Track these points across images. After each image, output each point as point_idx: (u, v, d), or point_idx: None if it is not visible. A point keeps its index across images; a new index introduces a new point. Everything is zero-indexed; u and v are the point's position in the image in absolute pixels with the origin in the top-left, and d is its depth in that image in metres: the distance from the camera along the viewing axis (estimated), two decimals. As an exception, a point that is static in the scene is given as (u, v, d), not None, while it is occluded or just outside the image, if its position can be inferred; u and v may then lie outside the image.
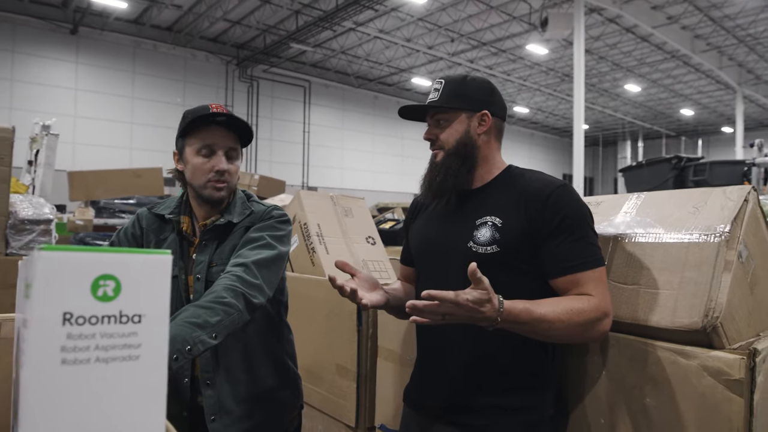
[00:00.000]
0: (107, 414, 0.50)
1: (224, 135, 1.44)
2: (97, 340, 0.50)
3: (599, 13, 15.18)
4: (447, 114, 1.33)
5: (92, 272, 0.50)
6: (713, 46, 17.48)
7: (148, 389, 0.52)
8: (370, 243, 2.42)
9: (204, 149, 1.42)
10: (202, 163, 1.42)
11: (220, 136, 1.43)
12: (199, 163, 1.42)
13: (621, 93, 22.72)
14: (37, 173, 3.85)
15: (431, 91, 1.37)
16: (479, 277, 1.04)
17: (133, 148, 16.65)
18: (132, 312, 0.51)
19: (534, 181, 1.28)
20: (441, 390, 1.31)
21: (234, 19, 16.49)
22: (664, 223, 1.28)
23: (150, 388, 0.52)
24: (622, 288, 1.26)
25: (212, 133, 1.42)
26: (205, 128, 1.42)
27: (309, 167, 20.51)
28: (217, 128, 1.43)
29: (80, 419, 0.49)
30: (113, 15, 15.40)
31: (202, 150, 1.42)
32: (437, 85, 1.35)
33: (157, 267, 0.53)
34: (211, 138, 1.42)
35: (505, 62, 19.68)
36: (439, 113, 1.34)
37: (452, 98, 1.32)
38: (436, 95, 1.33)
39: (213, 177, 1.41)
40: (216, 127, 1.42)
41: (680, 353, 1.11)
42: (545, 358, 1.27)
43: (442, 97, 1.33)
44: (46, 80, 15.23)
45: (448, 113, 1.33)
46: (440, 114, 1.34)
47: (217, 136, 1.42)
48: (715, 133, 28.53)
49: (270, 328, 1.53)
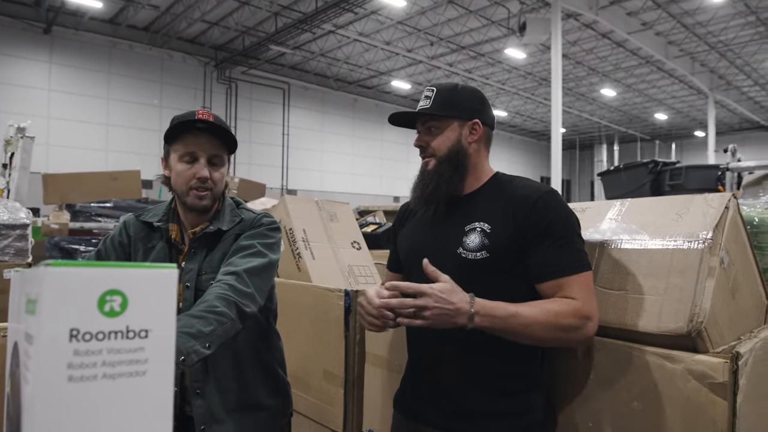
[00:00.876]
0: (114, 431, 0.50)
1: (207, 142, 1.41)
2: (104, 356, 0.49)
3: (576, 18, 15.43)
4: (439, 122, 1.34)
5: (99, 288, 0.49)
6: (686, 52, 17.90)
7: (155, 405, 0.52)
8: (355, 248, 2.42)
9: (187, 156, 1.40)
10: (184, 170, 1.40)
11: (202, 143, 1.41)
12: (182, 169, 1.40)
13: (597, 97, 23.10)
14: (12, 176, 3.76)
15: (422, 98, 1.37)
16: (432, 270, 1.16)
17: (108, 150, 16.37)
18: (139, 327, 0.51)
19: (521, 188, 1.30)
20: (431, 396, 1.31)
21: (212, 21, 16.34)
22: (648, 230, 1.31)
23: (157, 404, 0.52)
24: (608, 293, 1.29)
25: (195, 140, 1.40)
26: (188, 134, 1.40)
27: (288, 170, 20.40)
28: (200, 135, 1.41)
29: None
30: (88, 14, 15.13)
31: (184, 156, 1.40)
32: (428, 92, 1.36)
33: (163, 281, 0.53)
34: (193, 145, 1.40)
35: (484, 66, 19.86)
36: (430, 121, 1.35)
37: (444, 106, 1.33)
38: (428, 103, 1.34)
39: (194, 184, 1.40)
40: (199, 134, 1.41)
41: (666, 357, 1.14)
42: (535, 362, 1.29)
43: (433, 105, 1.33)
44: (19, 80, 14.88)
45: (440, 121, 1.34)
46: (432, 122, 1.35)
47: (199, 143, 1.40)
48: (688, 137, 29.19)
49: (260, 336, 1.52)
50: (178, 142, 1.41)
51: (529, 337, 1.16)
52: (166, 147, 1.45)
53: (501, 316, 1.14)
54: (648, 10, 14.93)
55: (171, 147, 1.43)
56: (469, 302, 1.13)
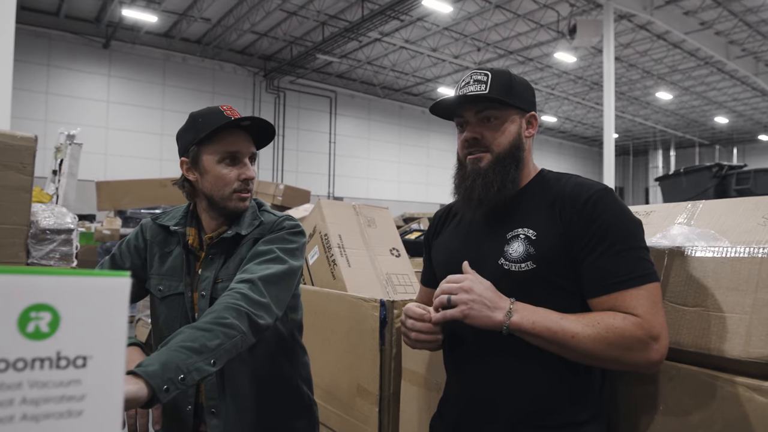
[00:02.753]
0: (37, 490, 0.38)
1: (246, 140, 1.34)
2: (24, 392, 0.37)
3: (629, 19, 14.86)
4: (499, 110, 1.16)
5: (20, 301, 0.38)
6: (749, 51, 16.95)
7: (93, 456, 0.40)
8: (394, 255, 2.29)
9: (228, 157, 1.31)
10: (227, 172, 1.30)
11: (243, 142, 1.33)
12: (224, 172, 1.30)
13: (652, 101, 22.19)
14: (60, 183, 3.83)
15: (469, 82, 1.17)
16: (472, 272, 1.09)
17: (163, 159, 16.89)
18: (74, 353, 0.39)
19: (570, 185, 1.12)
20: (470, 423, 1.16)
21: (261, 32, 16.66)
22: (729, 236, 1.12)
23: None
24: (681, 310, 1.10)
25: (235, 139, 1.31)
26: (226, 134, 1.30)
27: (335, 177, 20.52)
28: (239, 133, 1.32)
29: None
30: (144, 29, 15.71)
31: (225, 158, 1.30)
32: (480, 76, 1.17)
33: (109, 293, 0.41)
34: (235, 144, 1.31)
35: (533, 71, 19.42)
36: (489, 109, 1.16)
37: (505, 92, 1.15)
38: (483, 87, 1.15)
39: (239, 186, 1.31)
40: (238, 132, 1.32)
41: (757, 390, 0.95)
42: (591, 387, 1.11)
43: (492, 90, 1.14)
44: (80, 93, 15.59)
45: (501, 110, 1.16)
46: (491, 110, 1.16)
47: (240, 143, 1.32)
48: (752, 141, 27.65)
49: (281, 350, 1.39)
50: (213, 142, 1.30)
51: (576, 350, 1.00)
52: (195, 149, 1.32)
53: (543, 318, 1.01)
54: (707, 8, 14.22)
55: (203, 148, 1.31)
56: (508, 300, 1.06)
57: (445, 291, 1.07)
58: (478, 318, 1.03)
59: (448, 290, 1.07)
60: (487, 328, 1.04)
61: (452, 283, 1.07)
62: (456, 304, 1.05)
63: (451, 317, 1.05)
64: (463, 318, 1.04)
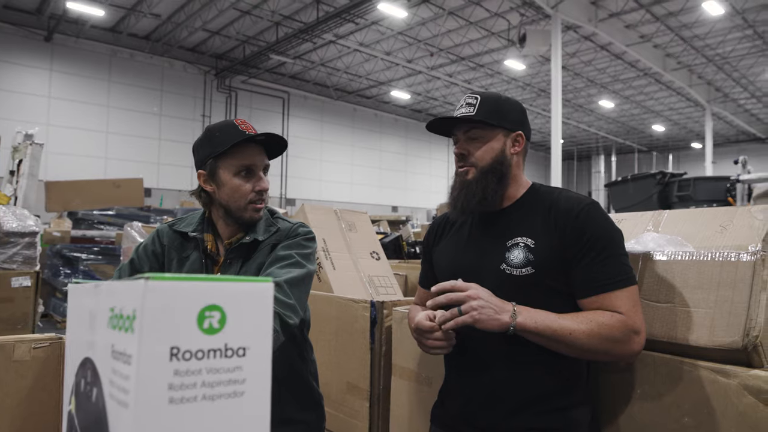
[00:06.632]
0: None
1: (260, 153, 1.42)
2: (203, 376, 0.46)
3: (575, 30, 15.52)
4: (484, 131, 1.31)
5: (198, 303, 0.46)
6: (684, 64, 18.03)
7: (253, 429, 0.49)
8: (374, 258, 2.39)
9: (243, 170, 1.38)
10: (241, 185, 1.38)
11: (258, 155, 1.40)
12: (239, 184, 1.38)
13: (595, 108, 23.21)
14: (20, 184, 3.71)
15: (462, 105, 1.33)
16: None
17: (108, 157, 16.33)
18: (237, 345, 0.48)
19: (563, 200, 1.27)
20: (473, 412, 1.28)
21: (213, 30, 16.37)
22: (692, 241, 1.29)
23: (255, 428, 0.49)
24: (655, 306, 1.26)
25: (250, 153, 1.39)
26: (242, 147, 1.37)
27: (287, 178, 20.36)
28: (253, 146, 1.40)
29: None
30: (89, 23, 15.14)
31: (241, 171, 1.38)
32: (470, 99, 1.32)
33: (260, 295, 0.50)
34: (250, 158, 1.39)
35: (483, 77, 19.95)
36: (475, 129, 1.31)
37: (491, 115, 1.29)
38: (471, 110, 1.30)
39: (253, 198, 1.39)
40: (253, 146, 1.39)
41: (720, 372, 1.11)
42: (580, 377, 1.26)
43: (479, 113, 1.29)
44: (19, 87, 14.87)
45: (485, 130, 1.31)
46: (476, 130, 1.31)
47: (255, 156, 1.40)
48: (685, 148, 29.34)
49: (295, 348, 1.48)
50: (229, 156, 1.37)
51: (572, 345, 1.14)
52: (212, 162, 1.38)
53: (543, 318, 1.15)
54: (646, 22, 15.04)
55: (219, 162, 1.38)
56: (510, 303, 1.18)
57: (453, 300, 1.17)
58: (487, 322, 1.14)
59: (456, 299, 1.17)
60: (494, 330, 1.15)
61: (457, 292, 1.18)
62: (466, 312, 1.15)
63: (462, 324, 1.16)
64: (474, 323, 1.15)
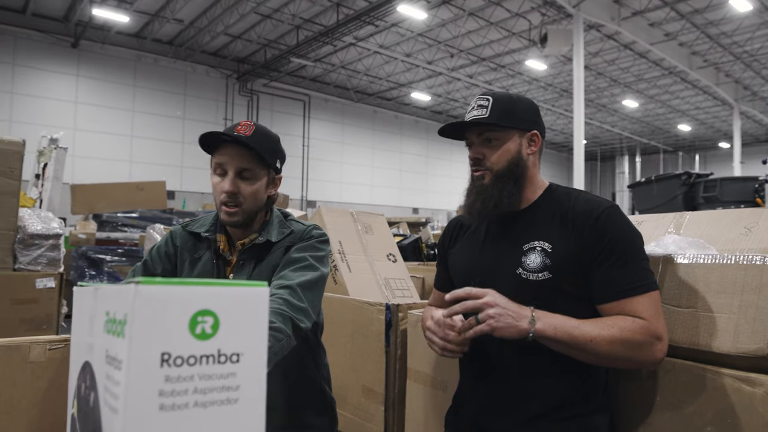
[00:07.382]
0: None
1: (237, 154, 1.33)
2: (195, 383, 0.45)
3: (598, 29, 15.31)
4: (498, 133, 1.28)
5: (191, 308, 0.45)
6: (710, 62, 17.64)
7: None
8: (391, 260, 2.38)
9: (218, 168, 1.36)
10: (216, 183, 1.36)
11: (230, 155, 1.33)
12: (214, 182, 1.37)
13: (619, 108, 22.85)
14: (44, 187, 3.79)
15: (474, 107, 1.30)
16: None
17: (132, 161, 16.62)
18: (230, 350, 0.47)
19: (582, 202, 1.23)
20: (489, 418, 1.25)
21: (235, 34, 16.56)
22: (715, 244, 1.24)
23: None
24: (676, 311, 1.22)
25: (224, 152, 1.34)
26: (222, 146, 1.35)
27: (308, 181, 20.48)
28: (230, 146, 1.34)
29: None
30: (114, 29, 15.44)
31: (217, 169, 1.36)
32: (482, 101, 1.29)
33: (255, 300, 0.49)
34: (221, 157, 1.34)
35: (504, 77, 19.79)
36: (489, 132, 1.28)
37: (504, 116, 1.26)
38: (484, 112, 1.26)
39: (224, 199, 1.34)
40: (229, 145, 1.34)
41: (744, 380, 1.07)
42: (598, 383, 1.23)
43: (492, 115, 1.26)
44: (47, 93, 15.23)
45: (499, 132, 1.28)
46: (491, 132, 1.28)
47: (226, 155, 1.34)
48: (712, 148, 28.71)
49: (308, 352, 1.47)
50: (214, 154, 1.37)
51: (593, 352, 1.10)
52: (211, 160, 1.39)
53: (563, 324, 1.11)
54: (671, 20, 14.76)
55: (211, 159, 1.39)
56: (528, 308, 1.13)
57: (469, 308, 1.13)
58: (505, 329, 1.10)
59: (473, 307, 1.13)
60: (513, 338, 1.11)
61: (474, 299, 1.13)
62: (483, 320, 1.11)
63: (480, 332, 1.12)
64: (491, 332, 1.10)
